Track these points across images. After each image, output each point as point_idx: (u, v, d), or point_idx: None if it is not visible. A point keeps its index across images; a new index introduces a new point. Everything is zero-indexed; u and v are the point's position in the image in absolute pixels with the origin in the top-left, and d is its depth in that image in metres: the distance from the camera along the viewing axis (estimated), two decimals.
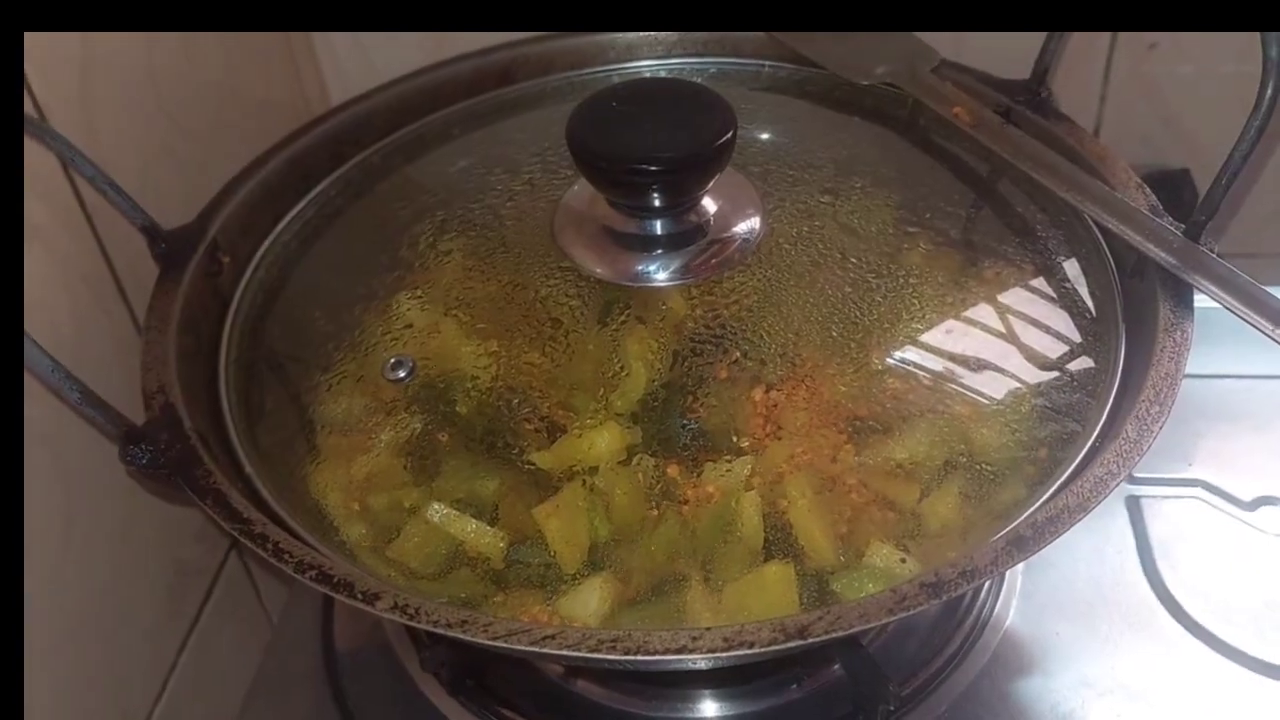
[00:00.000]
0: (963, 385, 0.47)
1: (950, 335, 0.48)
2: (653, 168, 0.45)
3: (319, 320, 0.52)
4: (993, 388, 0.47)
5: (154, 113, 0.56)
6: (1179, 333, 0.44)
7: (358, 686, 0.55)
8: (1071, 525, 0.38)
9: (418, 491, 0.45)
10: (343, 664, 0.57)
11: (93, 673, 0.52)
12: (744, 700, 0.54)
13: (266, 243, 0.54)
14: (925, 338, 0.48)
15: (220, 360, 0.49)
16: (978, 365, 0.48)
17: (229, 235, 0.52)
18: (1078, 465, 0.43)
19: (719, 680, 0.54)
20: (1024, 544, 0.38)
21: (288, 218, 0.55)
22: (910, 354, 0.48)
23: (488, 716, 0.53)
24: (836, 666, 0.54)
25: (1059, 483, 0.42)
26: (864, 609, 0.36)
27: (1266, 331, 0.43)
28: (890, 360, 0.47)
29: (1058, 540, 0.38)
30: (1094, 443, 0.43)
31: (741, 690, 0.54)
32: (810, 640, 0.35)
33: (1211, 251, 0.46)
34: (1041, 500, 0.41)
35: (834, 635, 0.35)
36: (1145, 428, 0.41)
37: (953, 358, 0.48)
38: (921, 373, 0.47)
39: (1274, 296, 0.44)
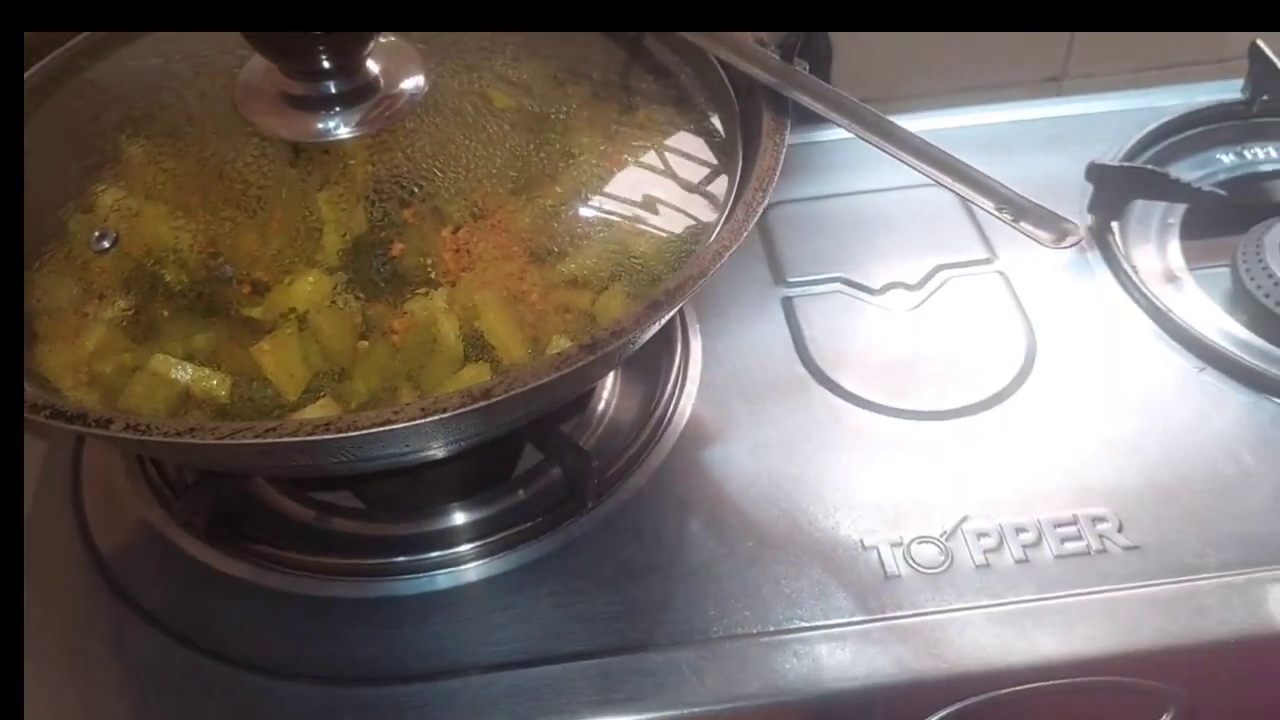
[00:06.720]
0: (624, 207, 0.55)
1: (612, 167, 0.56)
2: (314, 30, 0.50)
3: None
4: (648, 207, 0.55)
5: None
6: (778, 135, 0.54)
7: (121, 561, 0.59)
8: (695, 289, 0.47)
9: (141, 350, 0.48)
10: (101, 547, 0.60)
11: None
12: (480, 508, 0.61)
13: None
14: (590, 171, 0.55)
15: None
16: (636, 190, 0.55)
17: None
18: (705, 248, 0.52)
19: (458, 494, 0.61)
20: (658, 307, 0.46)
21: None
22: (578, 185, 0.55)
23: (245, 559, 0.58)
24: (555, 471, 0.63)
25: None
26: (535, 369, 0.43)
27: (845, 126, 0.54)
28: (560, 191, 0.54)
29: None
30: (719, 232, 0.53)
31: (476, 501, 0.61)
32: (494, 399, 0.42)
33: (802, 69, 0.56)
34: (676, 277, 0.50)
35: (513, 393, 0.42)
36: (751, 210, 0.50)
37: (616, 185, 0.55)
38: (589, 200, 0.54)
39: (850, 98, 0.54)
